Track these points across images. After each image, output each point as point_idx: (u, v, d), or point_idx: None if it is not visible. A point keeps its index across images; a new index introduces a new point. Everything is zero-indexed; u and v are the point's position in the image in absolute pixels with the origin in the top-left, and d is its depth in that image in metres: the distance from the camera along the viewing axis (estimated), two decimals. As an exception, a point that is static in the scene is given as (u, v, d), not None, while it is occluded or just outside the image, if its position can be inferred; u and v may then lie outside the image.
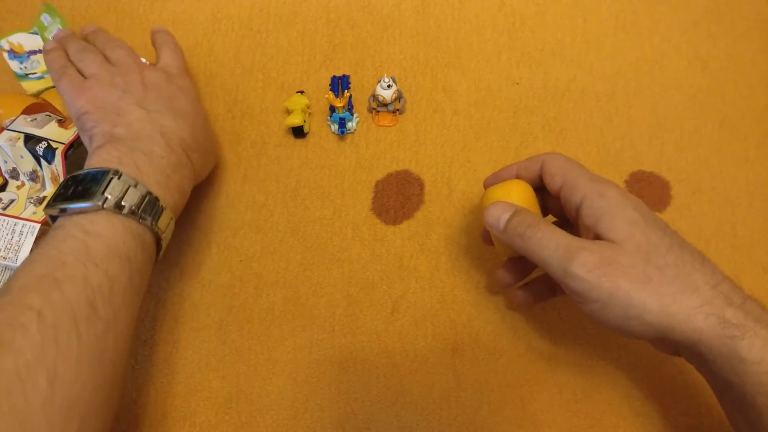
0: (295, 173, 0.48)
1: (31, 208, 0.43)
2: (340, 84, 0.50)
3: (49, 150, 0.42)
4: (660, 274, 0.29)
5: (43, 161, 0.43)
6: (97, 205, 0.32)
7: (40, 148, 0.42)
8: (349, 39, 0.53)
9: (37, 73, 0.50)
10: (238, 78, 0.52)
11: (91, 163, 0.35)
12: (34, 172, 0.44)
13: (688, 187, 0.47)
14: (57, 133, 0.43)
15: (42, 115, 0.45)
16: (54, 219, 0.33)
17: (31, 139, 0.42)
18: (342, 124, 0.47)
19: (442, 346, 0.42)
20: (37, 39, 0.51)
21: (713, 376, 0.30)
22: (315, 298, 0.44)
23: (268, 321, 0.43)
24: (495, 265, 0.44)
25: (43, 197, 0.43)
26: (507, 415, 0.40)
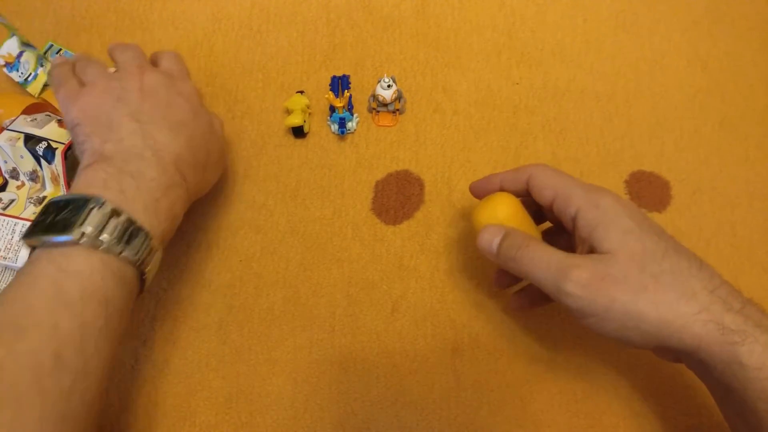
0: (295, 173, 0.48)
1: (31, 208, 0.43)
2: (340, 84, 0.50)
3: (49, 150, 0.42)
4: (655, 282, 0.28)
5: (43, 161, 0.43)
6: (75, 239, 0.30)
7: (40, 148, 0.42)
8: (349, 39, 0.53)
9: (31, 74, 0.50)
10: (238, 78, 0.52)
11: (77, 185, 0.33)
12: (34, 172, 0.44)
13: (688, 187, 0.47)
14: (57, 133, 0.43)
15: (42, 115, 0.45)
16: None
17: (31, 139, 0.42)
18: (342, 124, 0.47)
19: (442, 346, 0.42)
20: (16, 41, 0.50)
21: (714, 382, 0.30)
22: (315, 298, 0.44)
23: (268, 321, 0.43)
24: (495, 265, 0.44)
25: (43, 197, 0.43)
26: (507, 415, 0.40)
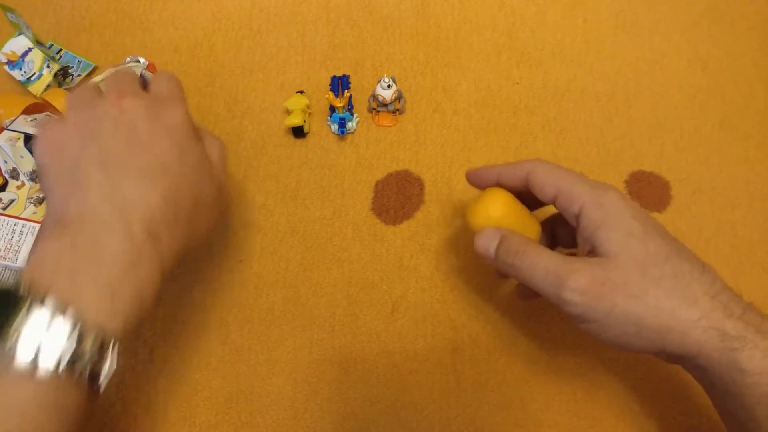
0: (295, 173, 0.48)
1: (31, 208, 0.43)
2: (340, 84, 0.50)
3: (49, 150, 0.42)
4: (657, 287, 0.28)
5: (43, 161, 0.43)
6: (2, 362, 0.24)
7: (40, 148, 0.42)
8: (349, 39, 0.53)
9: (36, 73, 0.50)
10: (238, 78, 0.52)
11: (29, 260, 0.28)
12: (34, 172, 0.44)
13: (688, 187, 0.47)
14: (57, 133, 0.43)
15: (42, 115, 0.45)
16: None
17: (31, 139, 0.42)
18: (342, 124, 0.47)
19: (442, 346, 0.42)
20: (23, 40, 0.50)
21: (712, 387, 0.30)
22: (315, 298, 0.44)
23: (268, 321, 0.43)
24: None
25: (43, 197, 0.43)
26: (507, 415, 0.40)
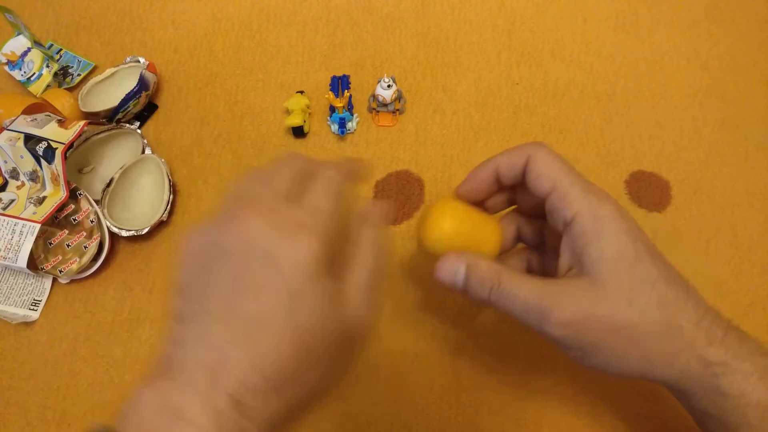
0: (295, 173, 0.48)
1: (31, 208, 0.43)
2: (340, 84, 0.50)
3: (49, 150, 0.42)
4: (642, 318, 0.27)
5: (43, 161, 0.43)
6: None
7: (40, 148, 0.42)
8: (349, 39, 0.53)
9: (35, 73, 0.50)
10: (238, 78, 0.52)
11: (122, 410, 0.21)
12: (34, 172, 0.44)
13: (688, 187, 0.47)
14: (57, 133, 0.43)
15: (42, 115, 0.45)
16: None
17: (31, 139, 0.42)
18: (342, 124, 0.47)
19: (442, 346, 0.42)
20: (22, 40, 0.50)
21: (693, 409, 0.30)
22: (315, 298, 0.43)
23: (268, 321, 0.43)
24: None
25: (43, 197, 0.43)
26: (507, 415, 0.40)
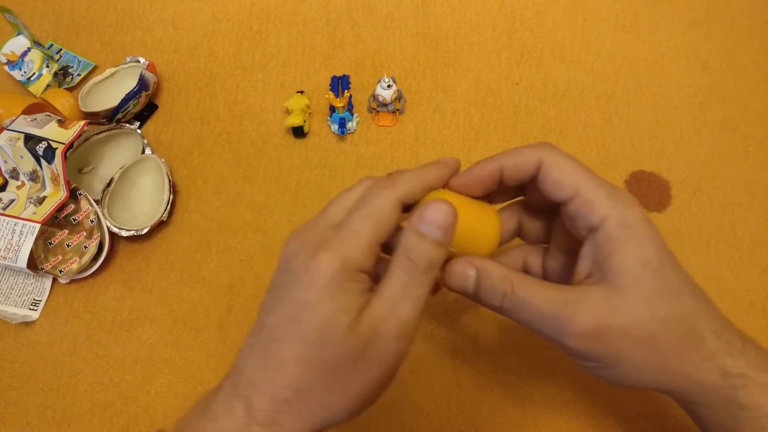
0: (295, 173, 0.48)
1: (31, 208, 0.43)
2: (340, 84, 0.50)
3: (49, 150, 0.42)
4: (664, 330, 0.26)
5: (43, 161, 0.43)
6: None
7: (40, 148, 0.42)
8: (349, 39, 0.53)
9: (35, 73, 0.50)
10: (238, 78, 0.52)
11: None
12: (34, 172, 0.44)
13: (688, 187, 0.47)
14: (57, 133, 0.43)
15: (42, 115, 0.45)
16: None
17: (31, 139, 0.42)
18: (342, 124, 0.47)
19: (442, 346, 0.42)
20: (22, 40, 0.50)
21: (704, 419, 0.29)
22: (315, 298, 0.43)
23: (268, 321, 0.43)
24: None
25: (43, 197, 0.43)
26: (507, 415, 0.40)
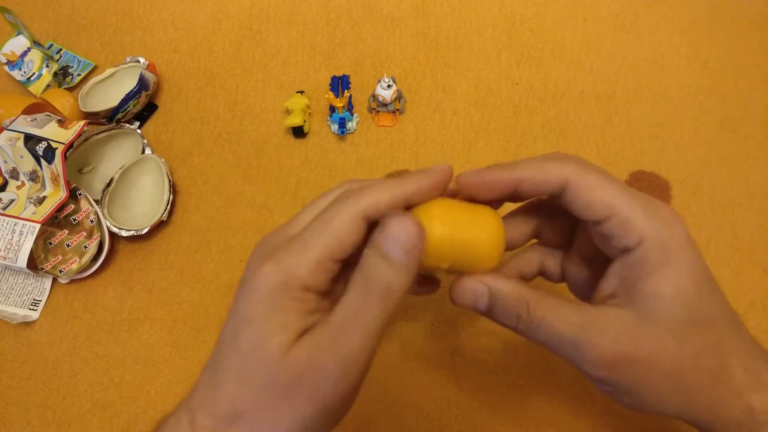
0: (295, 173, 0.48)
1: (31, 208, 0.43)
2: (340, 84, 0.50)
3: (49, 150, 0.42)
4: (691, 364, 0.24)
5: (43, 161, 0.43)
6: None
7: (40, 148, 0.42)
8: (349, 39, 0.53)
9: (35, 73, 0.50)
10: (238, 78, 0.52)
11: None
12: (34, 172, 0.44)
13: (688, 187, 0.47)
14: (57, 133, 0.43)
15: (42, 115, 0.45)
16: None
17: (31, 139, 0.42)
18: (342, 124, 0.47)
19: (442, 346, 0.42)
20: (22, 40, 0.50)
21: None
22: (315, 298, 0.43)
23: (268, 321, 0.43)
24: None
25: (43, 197, 0.43)
26: (507, 415, 0.40)
